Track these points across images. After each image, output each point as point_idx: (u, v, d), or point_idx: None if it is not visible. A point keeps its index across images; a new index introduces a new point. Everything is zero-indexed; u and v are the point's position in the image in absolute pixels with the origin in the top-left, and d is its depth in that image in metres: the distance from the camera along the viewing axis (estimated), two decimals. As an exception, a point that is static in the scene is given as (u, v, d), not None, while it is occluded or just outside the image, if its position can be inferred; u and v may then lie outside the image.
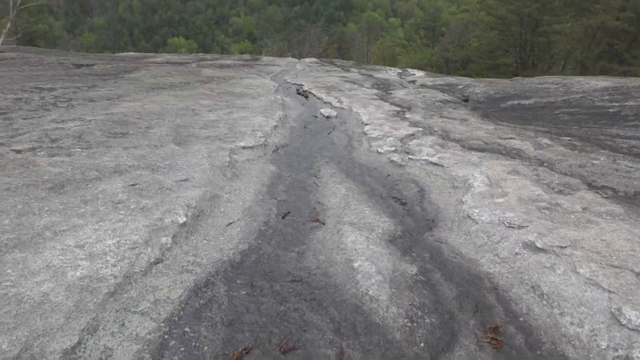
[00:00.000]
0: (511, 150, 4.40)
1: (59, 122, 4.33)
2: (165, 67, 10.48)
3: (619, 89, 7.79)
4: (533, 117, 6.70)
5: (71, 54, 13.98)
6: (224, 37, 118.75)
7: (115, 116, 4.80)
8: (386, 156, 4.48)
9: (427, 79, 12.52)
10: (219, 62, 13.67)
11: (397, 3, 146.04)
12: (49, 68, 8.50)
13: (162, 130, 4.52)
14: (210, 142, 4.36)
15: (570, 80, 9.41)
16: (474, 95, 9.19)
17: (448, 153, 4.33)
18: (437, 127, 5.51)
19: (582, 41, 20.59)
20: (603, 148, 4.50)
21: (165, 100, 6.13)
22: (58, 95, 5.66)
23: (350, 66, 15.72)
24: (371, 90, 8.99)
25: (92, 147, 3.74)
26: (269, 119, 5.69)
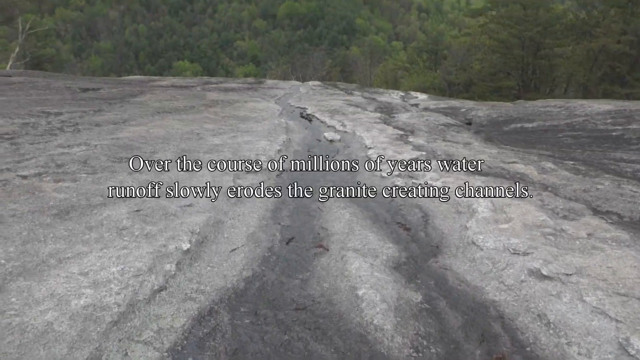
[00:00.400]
0: (515, 175, 4.40)
1: (65, 147, 4.37)
2: (170, 91, 10.59)
3: (621, 112, 7.82)
4: (536, 141, 6.72)
5: (78, 77, 14.16)
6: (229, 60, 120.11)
7: (120, 141, 4.84)
8: (390, 180, 4.49)
9: (430, 102, 12.60)
10: (223, 86, 13.81)
11: (400, 27, 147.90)
12: (56, 92, 8.61)
13: (166, 154, 4.55)
14: (214, 167, 4.38)
15: (573, 103, 9.46)
16: (476, 118, 9.23)
17: (452, 177, 4.33)
18: (441, 151, 5.53)
19: (583, 64, 20.74)
20: (607, 172, 4.50)
21: (171, 124, 6.18)
22: (65, 120, 5.71)
23: (353, 89, 15.86)
24: (374, 114, 9.05)
25: (98, 172, 3.77)
26: (273, 143, 5.73)
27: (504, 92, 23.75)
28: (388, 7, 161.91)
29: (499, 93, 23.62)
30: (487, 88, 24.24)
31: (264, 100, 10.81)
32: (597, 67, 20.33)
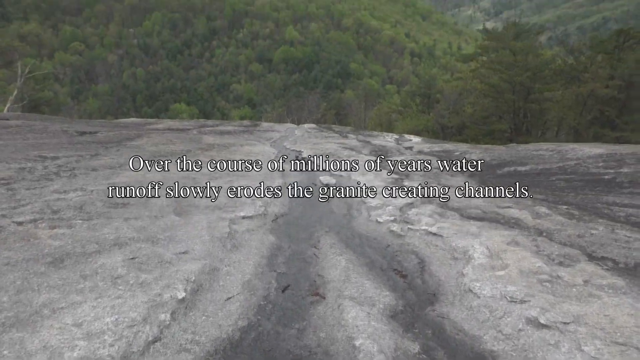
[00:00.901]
0: (510, 220, 4.42)
1: (61, 193, 4.37)
2: (166, 135, 10.68)
3: (612, 156, 7.93)
4: (530, 184, 6.78)
5: (75, 121, 14.27)
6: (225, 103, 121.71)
7: (116, 186, 4.85)
8: (385, 226, 4.50)
9: (424, 145, 12.74)
10: (219, 129, 13.95)
11: (393, 71, 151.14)
12: (53, 136, 8.66)
13: (162, 200, 4.56)
14: (210, 212, 4.39)
15: (565, 147, 9.60)
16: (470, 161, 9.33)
17: (447, 222, 4.35)
18: (436, 195, 5.57)
19: (573, 108, 21.13)
20: (601, 217, 4.53)
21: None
22: (61, 165, 5.74)
23: (348, 132, 16.04)
24: (369, 157, 9.13)
25: (93, 218, 3.76)
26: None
27: (496, 135, 24.09)
28: (381, 51, 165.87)
29: (491, 136, 23.96)
30: (479, 131, 24.58)
31: (260, 144, 10.91)
32: (586, 111, 20.73)
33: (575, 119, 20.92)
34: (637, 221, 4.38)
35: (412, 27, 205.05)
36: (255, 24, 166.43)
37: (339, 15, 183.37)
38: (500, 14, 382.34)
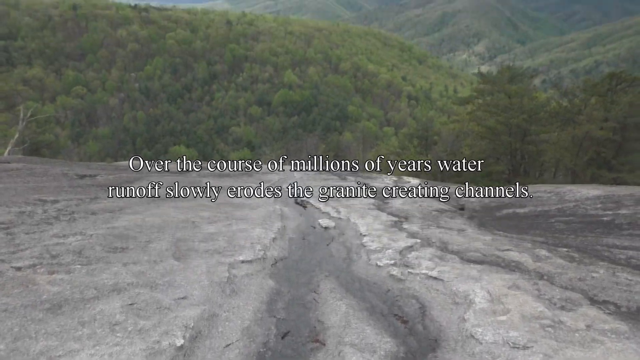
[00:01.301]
0: (510, 263, 4.41)
1: (61, 237, 4.37)
2: (166, 178, 10.73)
3: (610, 198, 7.98)
4: (529, 226, 6.79)
5: (75, 163, 14.36)
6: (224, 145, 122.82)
7: (116, 230, 4.85)
8: (385, 270, 4.48)
9: (422, 187, 12.80)
10: (218, 172, 14.03)
11: (391, 113, 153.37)
12: (53, 179, 8.71)
13: (162, 244, 4.55)
14: (210, 257, 4.37)
15: (563, 188, 9.65)
16: (469, 204, 9.36)
17: (447, 266, 4.33)
18: (435, 239, 5.57)
19: (570, 149, 21.39)
20: (601, 259, 4.52)
21: (166, 212, 6.23)
22: (61, 208, 5.75)
23: (346, 174, 16.13)
24: (368, 200, 9.16)
25: (92, 263, 3.75)
26: (267, 230, 5.75)
27: (494, 177, 24.26)
28: (379, 94, 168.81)
29: (489, 177, 24.12)
30: (477, 173, 24.77)
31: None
32: (583, 152, 20.96)
33: (572, 160, 21.12)
34: (638, 264, 4.37)
35: (409, 71, 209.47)
36: (254, 68, 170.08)
37: (337, 60, 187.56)
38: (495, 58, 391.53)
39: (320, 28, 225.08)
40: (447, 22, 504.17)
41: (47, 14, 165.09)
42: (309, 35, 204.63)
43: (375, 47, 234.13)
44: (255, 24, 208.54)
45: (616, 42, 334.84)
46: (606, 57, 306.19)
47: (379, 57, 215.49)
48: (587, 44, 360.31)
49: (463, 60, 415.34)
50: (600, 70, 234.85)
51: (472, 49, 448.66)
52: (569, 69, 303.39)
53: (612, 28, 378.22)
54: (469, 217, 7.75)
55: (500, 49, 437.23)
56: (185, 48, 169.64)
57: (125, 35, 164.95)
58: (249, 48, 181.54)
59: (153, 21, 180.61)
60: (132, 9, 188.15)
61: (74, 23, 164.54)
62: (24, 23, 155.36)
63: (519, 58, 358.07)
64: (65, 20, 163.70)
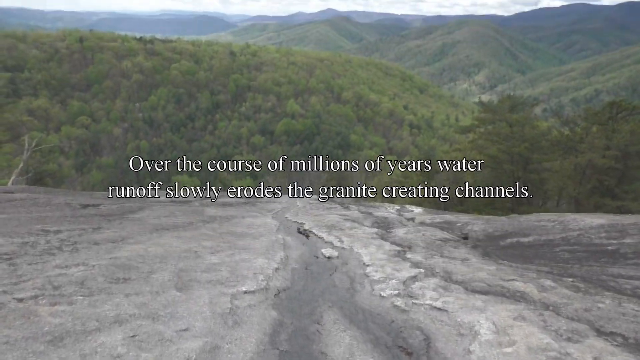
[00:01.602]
0: (515, 293, 4.37)
1: (63, 268, 4.36)
2: (169, 207, 10.74)
3: (614, 227, 7.94)
4: (534, 256, 6.75)
5: (79, 193, 14.40)
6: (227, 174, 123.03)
7: (118, 260, 4.84)
8: (389, 300, 4.44)
9: (425, 216, 12.76)
10: (221, 200, 14.03)
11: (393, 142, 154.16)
12: (57, 209, 8.73)
13: (164, 275, 4.53)
14: (212, 287, 4.35)
15: (567, 217, 9.61)
16: (472, 233, 9.32)
17: (452, 297, 4.30)
18: (439, 268, 5.53)
19: (572, 178, 21.39)
20: (607, 290, 4.48)
21: (169, 242, 6.22)
22: (64, 239, 5.75)
23: (349, 203, 16.11)
24: (371, 229, 9.13)
25: (94, 294, 3.74)
26: (270, 260, 5.73)
27: (497, 205, 24.19)
28: (381, 123, 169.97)
29: (492, 206, 24.05)
30: (480, 201, 24.72)
31: (262, 215, 10.94)
32: (586, 181, 20.96)
33: (575, 189, 21.11)
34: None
35: (410, 100, 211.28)
36: (257, 98, 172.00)
37: (339, 90, 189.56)
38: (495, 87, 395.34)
39: (322, 58, 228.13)
40: (447, 52, 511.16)
41: (54, 47, 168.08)
42: (311, 65, 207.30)
43: (377, 76, 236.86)
44: (258, 54, 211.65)
45: (616, 71, 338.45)
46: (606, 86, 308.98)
47: (381, 86, 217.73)
48: (587, 73, 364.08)
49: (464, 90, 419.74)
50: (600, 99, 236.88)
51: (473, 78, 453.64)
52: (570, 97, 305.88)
53: (611, 58, 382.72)
54: (473, 246, 7.71)
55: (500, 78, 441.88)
56: (189, 78, 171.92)
57: (130, 66, 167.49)
58: (252, 78, 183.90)
59: (158, 53, 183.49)
60: (137, 41, 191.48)
61: (80, 55, 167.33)
62: (31, 55, 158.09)
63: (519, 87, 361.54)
64: (71, 53, 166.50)
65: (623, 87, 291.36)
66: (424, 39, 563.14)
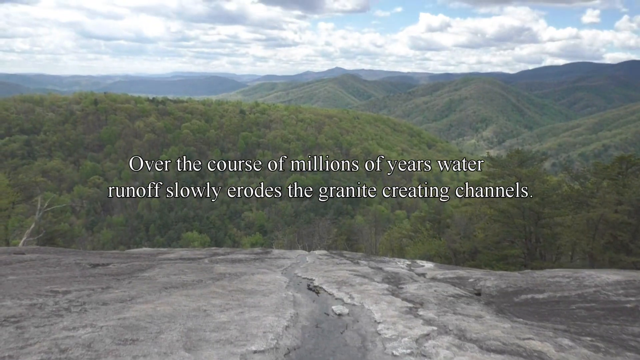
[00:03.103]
0: (532, 353, 4.24)
1: (70, 330, 4.32)
2: (178, 264, 10.69)
3: (632, 283, 7.77)
4: (549, 313, 6.58)
5: (88, 252, 14.42)
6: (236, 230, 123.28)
7: (127, 321, 4.79)
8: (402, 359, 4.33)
9: (436, 271, 12.57)
10: (230, 257, 13.94)
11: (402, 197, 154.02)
12: (66, 269, 8.72)
13: (172, 335, 4.47)
14: (221, 347, 4.27)
15: (581, 273, 9.43)
16: (485, 289, 9.14)
17: (466, 356, 4.18)
18: (452, 326, 5.40)
19: (585, 232, 21.12)
20: (628, 350, 4.34)
21: (178, 301, 6.16)
22: (72, 299, 5.72)
23: (359, 258, 15.94)
24: (382, 285, 9.00)
25: (101, 357, 3.68)
26: (280, 318, 5.63)
27: (510, 260, 23.83)
28: (390, 178, 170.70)
29: (505, 261, 23.69)
30: (492, 256, 24.38)
31: (271, 272, 10.84)
32: (599, 236, 20.67)
33: (588, 244, 20.80)
34: (667, 353, 4.18)
35: (419, 155, 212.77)
36: (267, 155, 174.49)
37: (347, 145, 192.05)
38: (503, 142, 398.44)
39: (330, 115, 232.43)
40: (455, 109, 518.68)
41: (69, 109, 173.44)
42: (320, 122, 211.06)
43: (385, 132, 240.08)
44: (267, 112, 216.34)
45: (622, 127, 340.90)
46: (613, 141, 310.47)
47: (389, 142, 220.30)
48: (594, 128, 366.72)
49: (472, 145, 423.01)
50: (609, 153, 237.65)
51: (480, 133, 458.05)
52: (578, 152, 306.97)
53: (616, 114, 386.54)
54: (486, 303, 7.54)
55: (507, 133, 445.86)
56: (200, 137, 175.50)
57: (142, 126, 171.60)
58: (261, 135, 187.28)
59: (169, 112, 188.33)
60: (149, 102, 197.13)
61: (94, 117, 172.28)
62: (47, 118, 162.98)
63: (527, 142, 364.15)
64: (86, 114, 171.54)
65: (631, 142, 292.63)
66: (431, 96, 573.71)
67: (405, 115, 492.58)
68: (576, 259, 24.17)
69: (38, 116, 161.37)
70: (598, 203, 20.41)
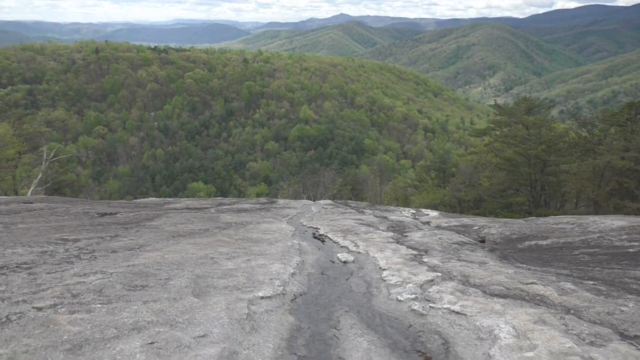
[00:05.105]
0: (535, 297, 4.31)
1: (81, 276, 4.41)
2: (184, 214, 10.80)
3: (635, 229, 7.80)
4: (552, 259, 6.65)
5: (96, 202, 14.57)
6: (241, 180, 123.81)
7: (136, 268, 4.88)
8: (407, 304, 4.41)
9: (441, 219, 12.66)
10: (236, 207, 14.07)
11: (407, 146, 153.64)
12: (75, 218, 8.83)
13: (181, 281, 4.55)
14: (229, 293, 4.36)
15: (585, 219, 9.47)
16: (489, 236, 9.22)
17: (470, 300, 4.25)
18: (456, 272, 5.47)
19: (591, 180, 21.09)
20: (630, 292, 4.39)
21: (185, 249, 6.25)
22: (82, 247, 5.82)
23: (364, 207, 16.05)
24: (387, 233, 9.08)
25: (112, 302, 3.76)
26: (286, 265, 5.72)
27: (514, 208, 23.93)
28: (395, 127, 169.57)
29: (509, 209, 23.80)
30: (497, 204, 24.47)
31: (277, 221, 10.94)
32: (604, 183, 20.64)
33: (593, 191, 20.80)
34: (668, 296, 4.24)
35: (425, 104, 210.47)
36: (271, 105, 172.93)
37: (352, 94, 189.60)
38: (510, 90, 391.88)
39: (335, 64, 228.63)
40: (462, 56, 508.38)
41: (71, 58, 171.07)
42: (324, 71, 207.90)
43: (391, 81, 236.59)
44: (271, 61, 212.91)
45: (632, 72, 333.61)
46: (623, 87, 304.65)
47: (395, 90, 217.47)
48: (604, 74, 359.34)
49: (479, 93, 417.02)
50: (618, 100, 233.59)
51: (488, 81, 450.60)
52: (587, 99, 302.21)
53: (627, 59, 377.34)
54: (490, 250, 7.62)
55: (515, 80, 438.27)
56: (203, 86, 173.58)
57: (145, 75, 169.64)
58: (265, 85, 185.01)
59: (172, 62, 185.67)
60: (151, 51, 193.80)
61: (96, 66, 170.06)
62: (49, 67, 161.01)
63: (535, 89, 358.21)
64: (88, 63, 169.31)
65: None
66: (437, 42, 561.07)
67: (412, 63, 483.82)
68: (580, 206, 24.26)
69: (39, 65, 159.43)
70: (605, 150, 20.27)
